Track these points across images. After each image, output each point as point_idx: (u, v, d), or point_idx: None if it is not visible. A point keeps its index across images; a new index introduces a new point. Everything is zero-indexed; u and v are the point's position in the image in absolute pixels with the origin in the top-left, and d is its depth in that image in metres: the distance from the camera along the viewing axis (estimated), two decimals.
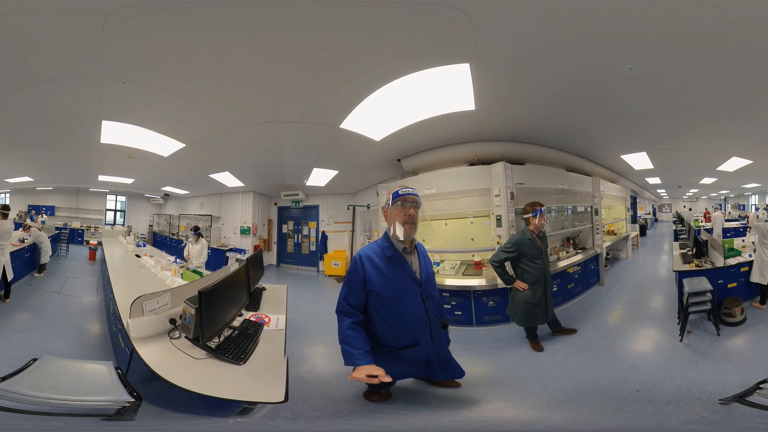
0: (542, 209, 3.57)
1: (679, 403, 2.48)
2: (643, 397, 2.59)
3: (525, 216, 3.65)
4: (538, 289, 3.54)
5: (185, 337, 2.39)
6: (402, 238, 2.19)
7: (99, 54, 2.79)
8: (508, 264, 3.66)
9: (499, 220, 4.49)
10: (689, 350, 3.41)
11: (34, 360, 2.17)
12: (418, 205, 2.22)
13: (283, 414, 2.02)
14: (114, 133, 4.45)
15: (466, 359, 2.60)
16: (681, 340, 3.58)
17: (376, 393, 2.52)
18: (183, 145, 4.88)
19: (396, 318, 2.21)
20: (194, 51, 2.79)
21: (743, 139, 4.77)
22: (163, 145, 4.91)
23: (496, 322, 4.19)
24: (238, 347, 2.34)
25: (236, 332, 2.60)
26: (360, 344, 2.04)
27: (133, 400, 1.93)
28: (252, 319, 2.97)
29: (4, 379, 1.92)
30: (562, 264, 4.86)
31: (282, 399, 1.85)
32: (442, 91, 3.40)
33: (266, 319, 3.00)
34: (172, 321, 2.53)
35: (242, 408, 1.92)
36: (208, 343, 2.31)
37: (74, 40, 2.60)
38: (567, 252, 5.38)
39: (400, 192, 2.20)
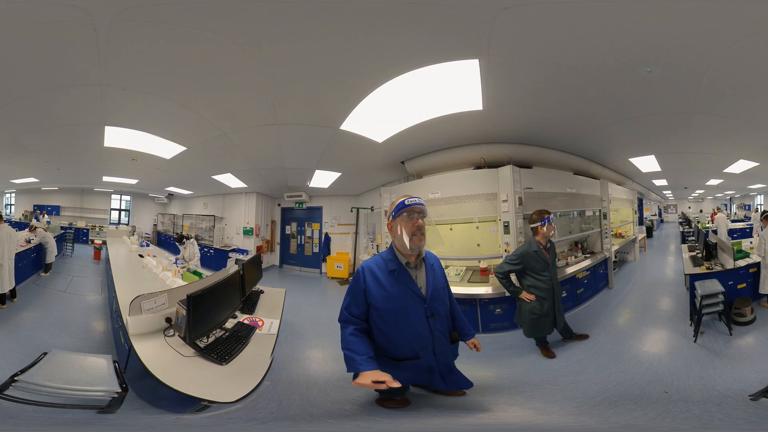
0: (550, 218, 3.40)
1: (715, 401, 2.44)
2: (677, 398, 2.54)
3: (532, 225, 3.46)
4: (546, 302, 3.39)
5: (178, 335, 2.54)
6: (410, 251, 2.07)
7: (99, 62, 2.77)
8: (514, 275, 3.51)
9: (506, 227, 4.29)
10: (704, 350, 3.40)
11: (45, 354, 2.31)
12: (425, 214, 2.09)
13: (234, 414, 2.02)
14: (117, 137, 4.48)
15: (472, 366, 2.53)
16: (695, 341, 3.57)
17: (390, 400, 2.38)
18: (184, 148, 4.89)
19: (394, 333, 2.12)
20: (189, 58, 2.76)
21: (752, 142, 4.72)
22: (165, 148, 4.94)
23: (503, 329, 4.08)
24: (225, 348, 2.45)
25: (227, 334, 2.70)
26: (363, 350, 1.97)
27: (120, 390, 2.07)
28: (246, 322, 3.01)
29: (21, 372, 2.04)
30: (570, 270, 4.74)
31: (231, 400, 1.92)
32: (449, 89, 3.26)
33: (259, 323, 3.01)
34: (168, 320, 2.68)
35: (200, 405, 1.94)
36: (197, 342, 2.42)
37: (74, 49, 2.59)
38: (576, 257, 5.28)
39: (406, 202, 2.06)
